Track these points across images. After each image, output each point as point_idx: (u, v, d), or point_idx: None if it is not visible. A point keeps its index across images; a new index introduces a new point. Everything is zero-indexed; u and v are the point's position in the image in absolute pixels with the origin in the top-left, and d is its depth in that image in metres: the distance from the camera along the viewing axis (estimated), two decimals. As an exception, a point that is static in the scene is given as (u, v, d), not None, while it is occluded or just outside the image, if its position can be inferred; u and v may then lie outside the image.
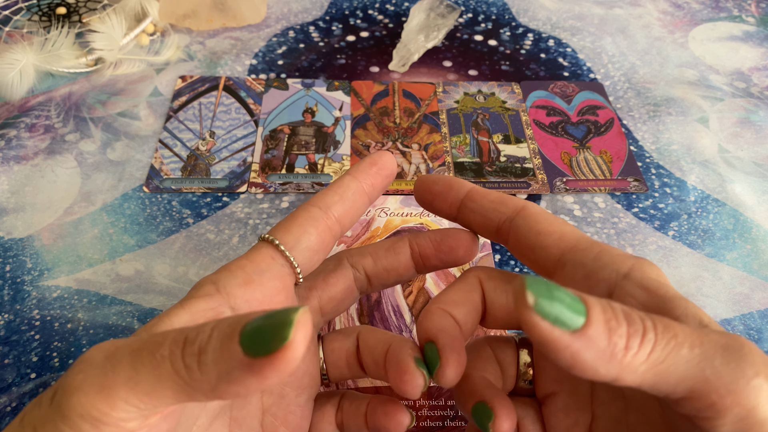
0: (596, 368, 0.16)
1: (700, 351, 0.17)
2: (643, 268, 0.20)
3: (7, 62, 0.45)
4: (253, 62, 0.51)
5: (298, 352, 0.15)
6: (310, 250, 0.22)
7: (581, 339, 0.16)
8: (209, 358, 0.16)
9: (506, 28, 0.56)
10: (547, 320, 0.16)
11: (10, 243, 0.38)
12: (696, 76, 0.51)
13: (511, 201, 0.23)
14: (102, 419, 0.17)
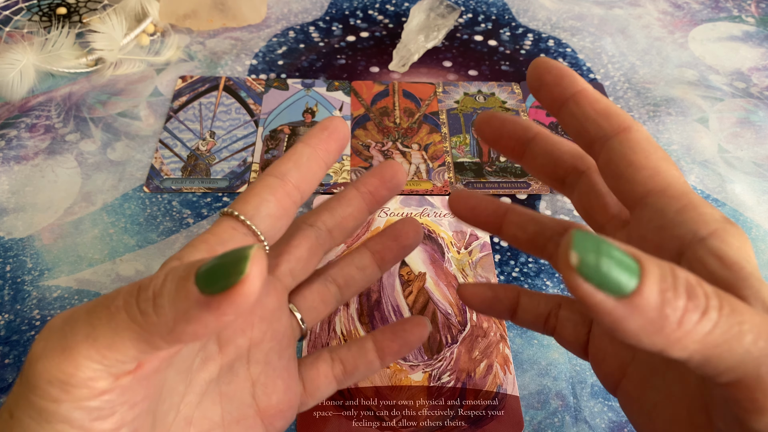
0: (640, 338, 0.14)
1: (765, 345, 0.15)
2: (726, 236, 0.18)
3: (8, 62, 0.45)
4: (253, 62, 0.51)
5: (254, 286, 0.15)
6: (271, 217, 0.22)
7: (628, 306, 0.14)
8: (164, 300, 0.16)
9: (506, 28, 0.56)
10: (591, 283, 0.14)
11: (10, 243, 0.38)
12: (696, 77, 0.52)
13: (617, 118, 0.20)
14: (69, 381, 0.17)
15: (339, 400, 0.31)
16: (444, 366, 0.33)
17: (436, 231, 0.39)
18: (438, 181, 0.42)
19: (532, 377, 0.33)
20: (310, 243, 0.25)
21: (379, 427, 0.30)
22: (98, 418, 0.17)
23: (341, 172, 0.42)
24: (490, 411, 0.31)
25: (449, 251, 0.38)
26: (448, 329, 0.34)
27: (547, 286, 0.37)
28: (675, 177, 0.20)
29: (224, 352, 0.23)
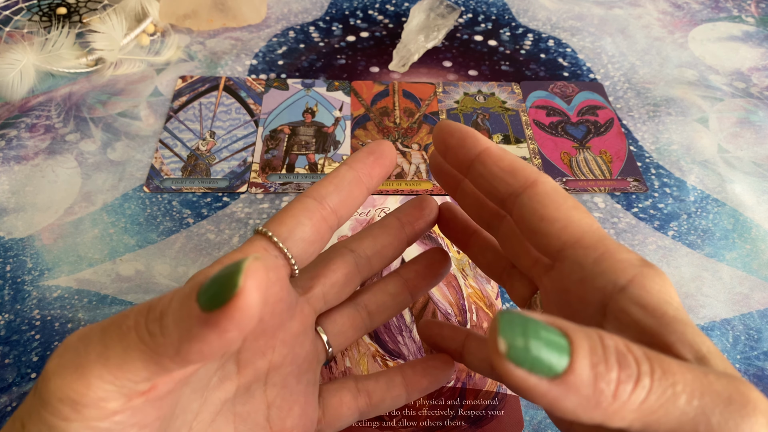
0: (578, 415, 0.15)
1: (699, 404, 0.15)
2: (645, 281, 0.18)
3: (8, 62, 0.45)
4: (253, 62, 0.51)
5: (251, 299, 0.15)
6: (305, 241, 0.22)
7: (562, 386, 0.14)
8: (170, 320, 0.16)
9: (506, 28, 0.56)
10: (522, 367, 0.14)
11: (10, 243, 0.38)
12: (696, 77, 0.52)
13: (522, 173, 0.21)
14: (80, 401, 0.16)
15: (339, 400, 0.31)
16: (444, 366, 0.33)
17: (436, 231, 0.39)
18: (438, 181, 0.42)
19: (532, 377, 0.33)
20: (348, 269, 0.25)
21: (379, 426, 0.30)
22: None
23: (341, 172, 0.42)
24: (490, 411, 0.31)
25: (449, 251, 0.38)
26: (448, 329, 0.34)
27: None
28: (588, 225, 0.20)
29: (242, 374, 0.22)
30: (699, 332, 0.18)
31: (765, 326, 0.35)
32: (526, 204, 0.20)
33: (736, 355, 0.34)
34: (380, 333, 0.34)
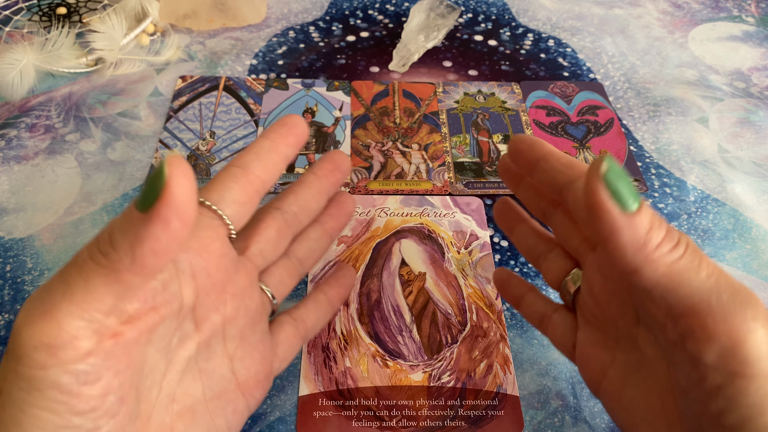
0: (625, 251, 0.19)
1: (715, 282, 0.19)
2: None
3: (8, 62, 0.45)
4: (253, 62, 0.51)
5: (182, 186, 0.17)
6: (236, 203, 0.24)
7: (627, 220, 0.18)
8: (118, 235, 0.17)
9: (506, 28, 0.56)
10: (608, 190, 0.18)
11: (10, 243, 0.38)
12: (696, 76, 0.52)
13: (578, 165, 0.24)
14: (54, 343, 0.17)
15: (339, 400, 0.31)
16: (444, 366, 0.33)
17: (436, 231, 0.39)
18: (438, 181, 0.42)
19: (532, 377, 0.33)
20: (278, 225, 0.27)
21: (379, 427, 0.30)
22: (86, 382, 0.18)
23: (341, 172, 0.42)
24: (490, 411, 0.31)
25: (449, 251, 0.38)
26: (448, 329, 0.34)
27: (548, 285, 0.37)
28: None
29: (200, 330, 0.24)
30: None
31: (765, 326, 0.35)
32: (581, 188, 0.23)
33: (736, 355, 0.34)
34: (380, 333, 0.34)
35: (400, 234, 0.39)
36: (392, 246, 0.38)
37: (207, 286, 0.23)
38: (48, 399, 0.17)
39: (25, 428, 0.18)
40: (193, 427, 0.23)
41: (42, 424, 0.18)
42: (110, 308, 0.18)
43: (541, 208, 0.28)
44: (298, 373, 0.32)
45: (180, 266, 0.22)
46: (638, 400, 0.23)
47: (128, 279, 0.18)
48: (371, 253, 0.38)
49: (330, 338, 0.34)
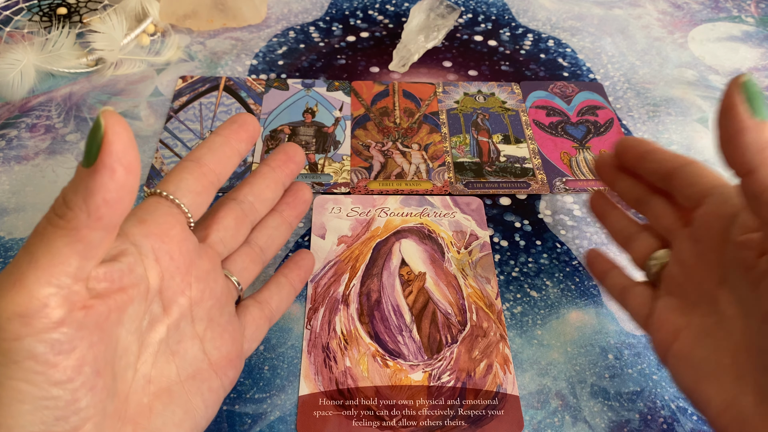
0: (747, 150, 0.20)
1: None
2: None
3: (8, 62, 0.46)
4: (253, 62, 0.51)
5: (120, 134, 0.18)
6: (192, 192, 0.25)
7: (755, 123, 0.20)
8: (70, 195, 0.18)
9: (506, 28, 0.56)
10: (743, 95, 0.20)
11: (11, 243, 0.38)
12: (695, 77, 0.52)
13: (682, 156, 0.28)
14: (27, 312, 0.18)
15: (339, 399, 0.31)
16: (444, 366, 0.33)
17: (436, 231, 0.39)
18: (438, 181, 0.42)
19: (532, 377, 0.33)
20: (235, 214, 0.29)
21: (379, 426, 0.30)
22: (60, 352, 0.18)
23: (341, 172, 0.42)
24: (490, 411, 0.31)
25: (449, 251, 0.38)
26: (448, 329, 0.34)
27: (547, 285, 0.37)
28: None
29: (168, 313, 0.24)
30: None
31: (765, 326, 0.35)
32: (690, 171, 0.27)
33: (735, 355, 0.34)
34: (380, 333, 0.34)
35: (400, 234, 0.39)
36: (392, 246, 0.38)
37: (171, 269, 0.24)
38: (25, 370, 0.18)
39: (4, 402, 0.18)
40: (171, 406, 0.24)
41: (21, 396, 0.18)
42: (76, 270, 0.19)
43: (634, 197, 0.31)
44: (298, 372, 0.32)
45: (143, 250, 0.23)
46: (708, 359, 0.25)
47: (88, 235, 0.19)
48: (371, 253, 0.38)
49: (330, 338, 0.34)
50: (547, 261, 0.38)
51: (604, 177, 0.33)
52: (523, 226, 0.40)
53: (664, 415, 0.32)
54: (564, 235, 0.39)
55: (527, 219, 0.40)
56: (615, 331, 0.35)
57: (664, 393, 0.32)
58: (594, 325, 0.35)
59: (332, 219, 0.39)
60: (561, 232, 0.40)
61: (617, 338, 0.35)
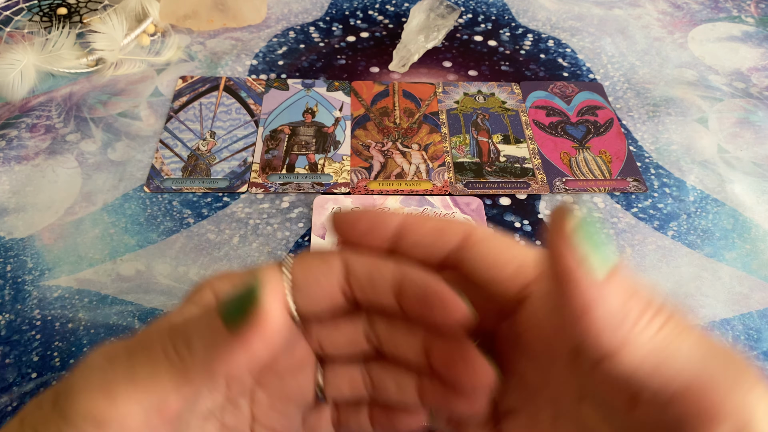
0: (602, 329, 0.15)
1: (707, 348, 0.16)
2: None
3: (8, 62, 0.46)
4: (253, 62, 0.51)
5: (276, 313, 0.16)
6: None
7: (600, 289, 0.15)
8: (197, 343, 0.17)
9: (506, 28, 0.56)
10: (579, 251, 0.15)
11: (11, 243, 0.38)
12: (695, 77, 0.52)
13: (452, 229, 0.20)
14: (105, 420, 0.17)
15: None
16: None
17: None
18: (438, 181, 0.42)
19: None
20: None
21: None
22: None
23: (341, 172, 0.42)
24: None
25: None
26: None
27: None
28: (534, 254, 0.20)
29: (231, 386, 0.22)
30: None
31: (764, 326, 0.35)
32: (472, 258, 0.20)
33: (735, 355, 0.34)
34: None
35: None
36: (392, 246, 0.38)
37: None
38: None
39: None
40: None
41: None
42: (169, 400, 0.18)
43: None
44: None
45: None
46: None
47: (196, 381, 0.17)
48: (371, 253, 0.38)
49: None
50: (547, 261, 0.38)
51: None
52: (523, 226, 0.40)
53: (664, 415, 0.32)
54: (564, 235, 0.39)
55: (527, 219, 0.40)
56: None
57: (664, 393, 0.32)
58: (594, 325, 0.35)
59: (332, 219, 0.39)
60: (561, 232, 0.40)
61: (617, 338, 0.35)
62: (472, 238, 0.20)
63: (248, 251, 0.38)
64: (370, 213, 0.20)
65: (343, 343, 0.22)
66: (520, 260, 0.20)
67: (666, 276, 0.37)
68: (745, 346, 0.34)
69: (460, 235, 0.20)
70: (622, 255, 0.38)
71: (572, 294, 0.15)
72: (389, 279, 0.20)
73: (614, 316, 0.15)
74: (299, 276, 0.20)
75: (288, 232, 0.39)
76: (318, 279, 0.20)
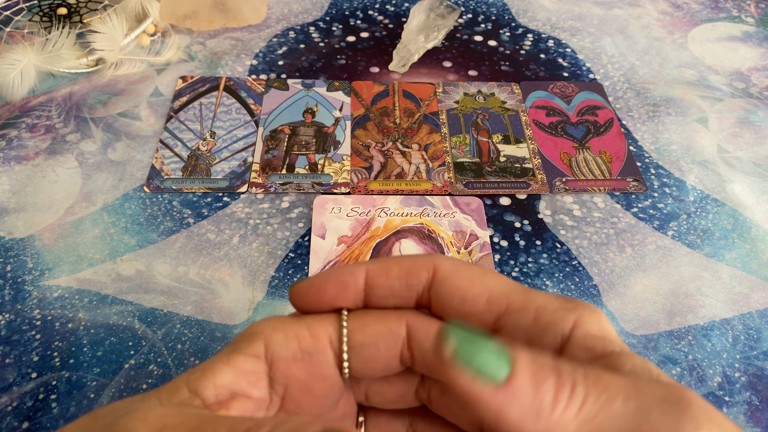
0: (523, 425, 0.15)
1: (636, 404, 0.15)
2: (585, 324, 0.18)
3: (8, 63, 0.46)
4: (253, 63, 0.51)
5: None
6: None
7: (506, 393, 0.15)
8: None
9: (506, 28, 0.56)
10: (468, 372, 0.14)
11: (11, 243, 0.38)
12: (695, 77, 0.52)
13: (417, 268, 0.20)
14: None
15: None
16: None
17: (436, 231, 0.39)
18: (438, 181, 0.42)
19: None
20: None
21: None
22: None
23: (341, 172, 0.42)
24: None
25: (449, 251, 0.38)
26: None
27: (547, 285, 0.37)
28: (505, 285, 0.19)
29: None
30: (646, 360, 0.18)
31: (764, 326, 0.35)
32: (443, 295, 0.20)
33: (735, 355, 0.34)
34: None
35: (400, 234, 0.39)
36: (392, 246, 0.38)
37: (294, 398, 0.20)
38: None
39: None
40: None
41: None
42: None
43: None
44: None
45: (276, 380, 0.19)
46: None
47: None
48: (371, 253, 0.38)
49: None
50: (547, 261, 0.38)
51: None
52: (523, 226, 0.40)
53: (664, 414, 0.32)
54: (564, 235, 0.39)
55: (527, 219, 0.40)
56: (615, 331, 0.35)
57: (664, 393, 0.32)
58: (594, 325, 0.35)
59: (332, 219, 0.39)
60: (561, 232, 0.40)
61: (617, 338, 0.35)
62: (439, 274, 0.20)
63: (248, 251, 0.38)
64: (333, 274, 0.20)
65: (391, 398, 0.21)
66: (489, 292, 0.19)
67: (666, 276, 0.37)
68: (745, 346, 0.35)
69: (428, 273, 0.20)
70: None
71: (480, 408, 0.15)
72: None
73: (529, 410, 0.15)
74: (357, 337, 0.19)
75: (288, 232, 0.39)
76: (377, 344, 0.19)
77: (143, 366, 0.32)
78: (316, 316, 0.20)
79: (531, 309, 0.19)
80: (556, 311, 0.19)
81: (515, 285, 0.20)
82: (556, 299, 0.19)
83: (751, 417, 0.32)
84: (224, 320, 0.34)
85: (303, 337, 0.19)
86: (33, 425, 0.30)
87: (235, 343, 0.19)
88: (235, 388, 0.18)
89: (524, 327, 0.19)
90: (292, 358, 0.19)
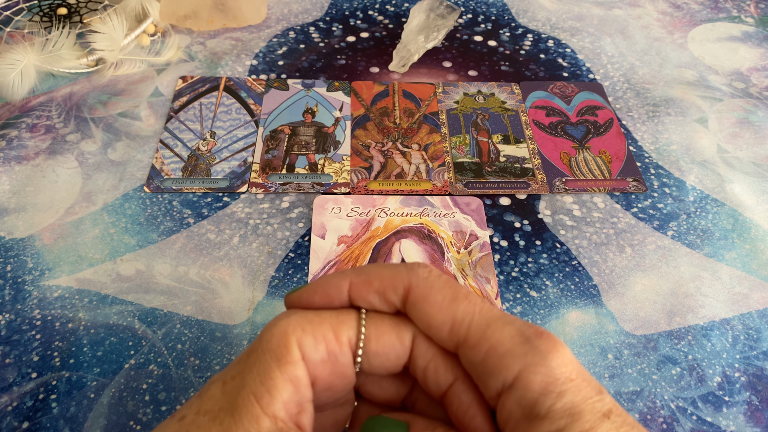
0: None
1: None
2: (527, 377, 0.19)
3: (8, 63, 0.46)
4: (253, 63, 0.51)
5: None
6: None
7: None
8: None
9: (506, 28, 0.56)
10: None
11: (11, 243, 0.38)
12: (695, 77, 0.52)
13: (395, 283, 0.21)
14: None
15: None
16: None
17: (436, 231, 0.39)
18: (438, 181, 0.42)
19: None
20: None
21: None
22: None
23: (341, 172, 0.42)
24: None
25: (449, 251, 0.38)
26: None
27: (547, 285, 0.37)
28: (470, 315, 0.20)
29: None
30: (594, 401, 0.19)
31: (764, 326, 0.35)
32: (412, 316, 0.21)
33: (735, 355, 0.34)
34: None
35: (400, 234, 0.39)
36: (392, 246, 0.38)
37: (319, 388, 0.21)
38: None
39: None
40: None
41: None
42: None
43: None
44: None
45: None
46: None
47: None
48: (371, 253, 0.38)
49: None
50: (547, 261, 0.38)
51: None
52: (523, 226, 0.40)
53: (664, 414, 0.32)
54: (564, 235, 0.40)
55: (527, 219, 0.40)
56: (615, 331, 0.35)
57: (664, 393, 0.32)
58: (593, 325, 0.35)
59: (332, 219, 0.39)
60: (561, 232, 0.40)
61: (617, 338, 0.35)
62: (411, 296, 0.21)
63: (248, 251, 0.38)
64: (320, 287, 0.21)
65: (378, 395, 0.23)
66: (451, 322, 0.20)
67: (666, 276, 0.37)
68: (745, 346, 0.35)
69: (401, 294, 0.21)
70: (622, 255, 0.38)
71: None
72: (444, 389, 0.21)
73: None
74: (372, 345, 0.21)
75: (288, 232, 0.39)
76: (387, 352, 0.21)
77: (143, 366, 0.32)
78: (337, 316, 0.21)
79: (483, 348, 0.20)
80: (504, 356, 0.19)
81: (481, 315, 0.20)
82: (512, 339, 0.19)
83: (751, 417, 0.32)
84: (224, 320, 0.34)
85: (329, 340, 0.20)
86: (33, 425, 0.30)
87: (269, 348, 0.20)
88: (297, 399, 0.19)
89: (476, 364, 0.20)
90: (320, 360, 0.20)
